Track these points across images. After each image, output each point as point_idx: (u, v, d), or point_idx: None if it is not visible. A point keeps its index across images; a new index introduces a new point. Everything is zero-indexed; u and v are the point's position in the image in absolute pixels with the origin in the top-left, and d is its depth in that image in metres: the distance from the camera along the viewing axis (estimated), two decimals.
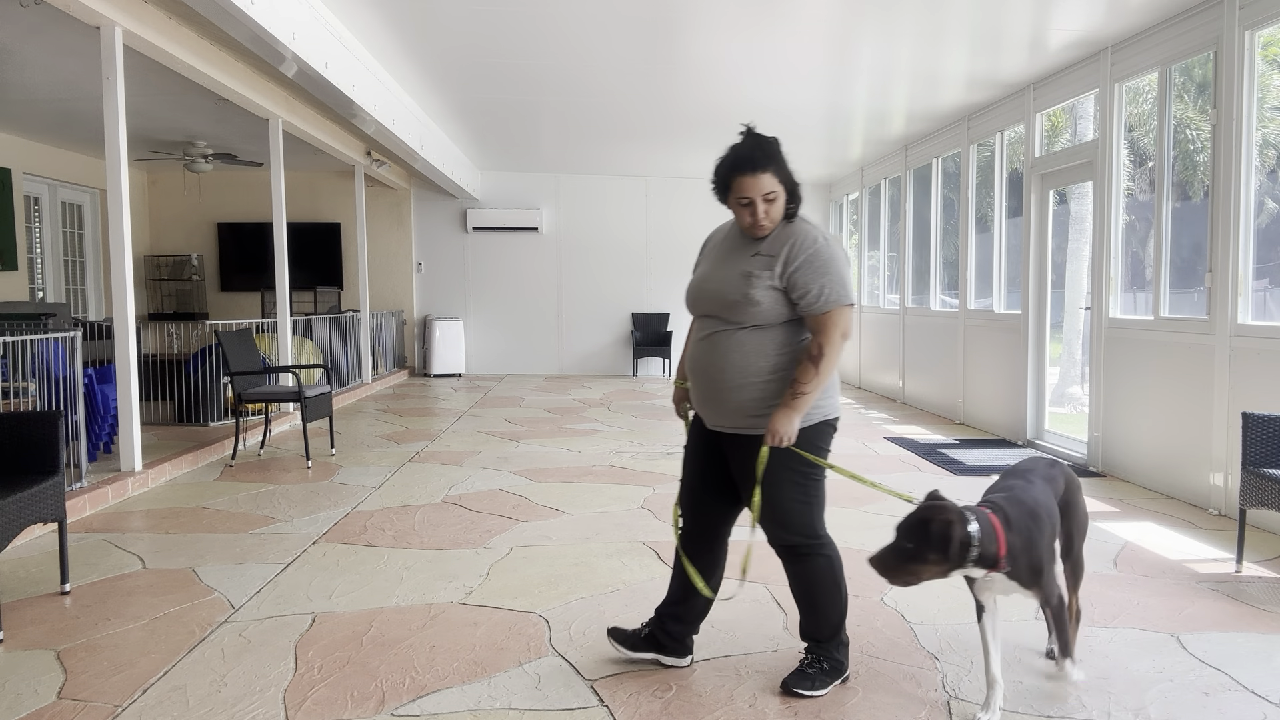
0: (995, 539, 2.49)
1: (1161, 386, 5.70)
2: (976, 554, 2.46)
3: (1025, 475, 2.81)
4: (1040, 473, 2.84)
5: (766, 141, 2.76)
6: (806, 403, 2.69)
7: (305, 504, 5.31)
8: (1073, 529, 2.91)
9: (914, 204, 10.22)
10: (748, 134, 2.78)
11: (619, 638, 3.05)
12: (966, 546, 2.45)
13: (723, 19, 5.88)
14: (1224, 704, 2.78)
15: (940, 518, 2.45)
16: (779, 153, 2.77)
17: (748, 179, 2.71)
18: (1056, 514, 2.75)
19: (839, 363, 2.74)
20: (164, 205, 12.93)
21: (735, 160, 2.73)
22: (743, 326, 2.76)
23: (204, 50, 6.20)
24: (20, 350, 5.20)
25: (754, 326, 2.76)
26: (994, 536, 2.49)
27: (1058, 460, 2.96)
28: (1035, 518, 2.61)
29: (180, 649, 3.18)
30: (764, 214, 2.75)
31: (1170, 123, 5.77)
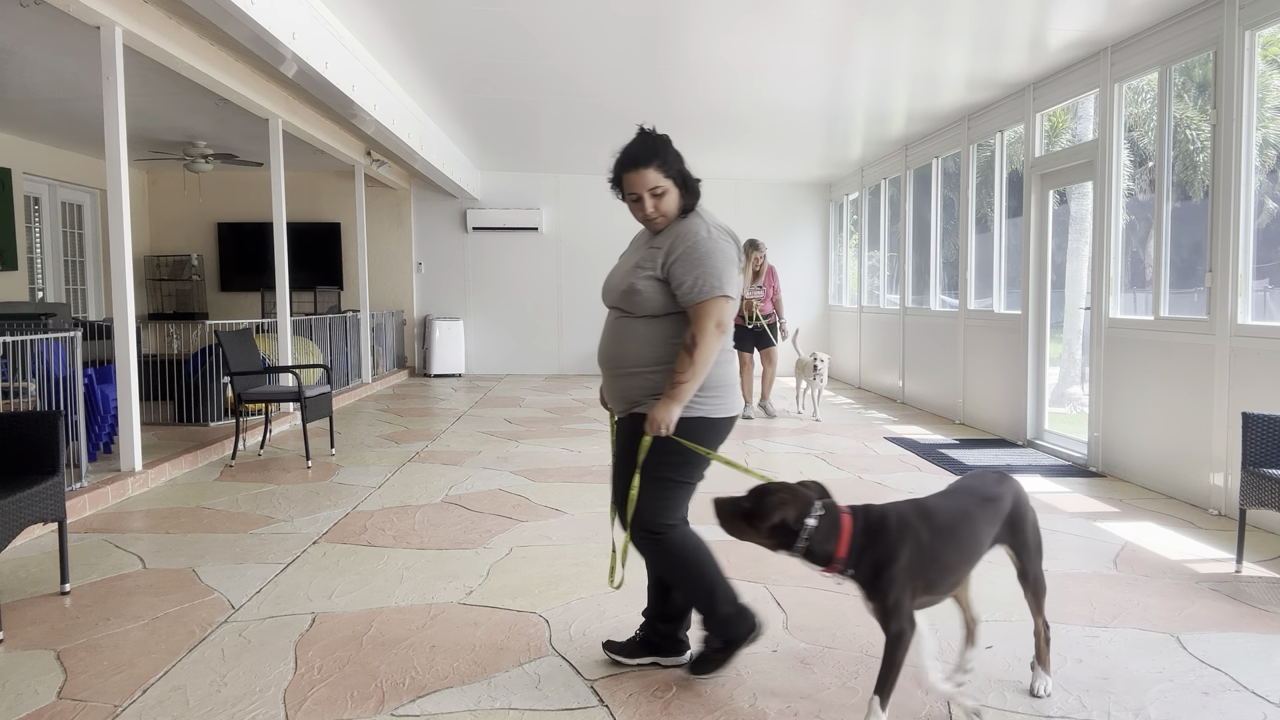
0: (835, 539, 2.45)
1: (1161, 386, 5.70)
2: (804, 546, 2.45)
3: (956, 494, 2.67)
4: (977, 492, 2.67)
5: (653, 139, 2.86)
6: (685, 392, 2.73)
7: (305, 504, 5.31)
8: (1019, 547, 2.73)
9: (914, 204, 10.22)
10: (639, 133, 2.90)
11: (614, 649, 3.07)
12: (792, 534, 2.45)
13: (722, 19, 5.88)
14: (1224, 704, 2.78)
15: (779, 496, 2.47)
16: (666, 149, 2.86)
17: (633, 175, 2.83)
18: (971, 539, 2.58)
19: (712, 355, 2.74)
20: (164, 205, 12.93)
21: (623, 158, 2.87)
22: (636, 316, 2.86)
23: (204, 50, 6.20)
24: (20, 350, 5.20)
25: (646, 317, 2.84)
26: (834, 537, 2.45)
27: (1008, 476, 2.77)
28: (909, 535, 2.47)
29: (180, 649, 3.18)
30: (653, 208, 2.85)
31: (1170, 123, 5.77)
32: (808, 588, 3.82)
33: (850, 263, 12.96)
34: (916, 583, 2.47)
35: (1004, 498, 2.69)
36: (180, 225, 12.98)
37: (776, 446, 7.30)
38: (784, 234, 13.55)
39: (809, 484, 2.56)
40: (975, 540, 2.59)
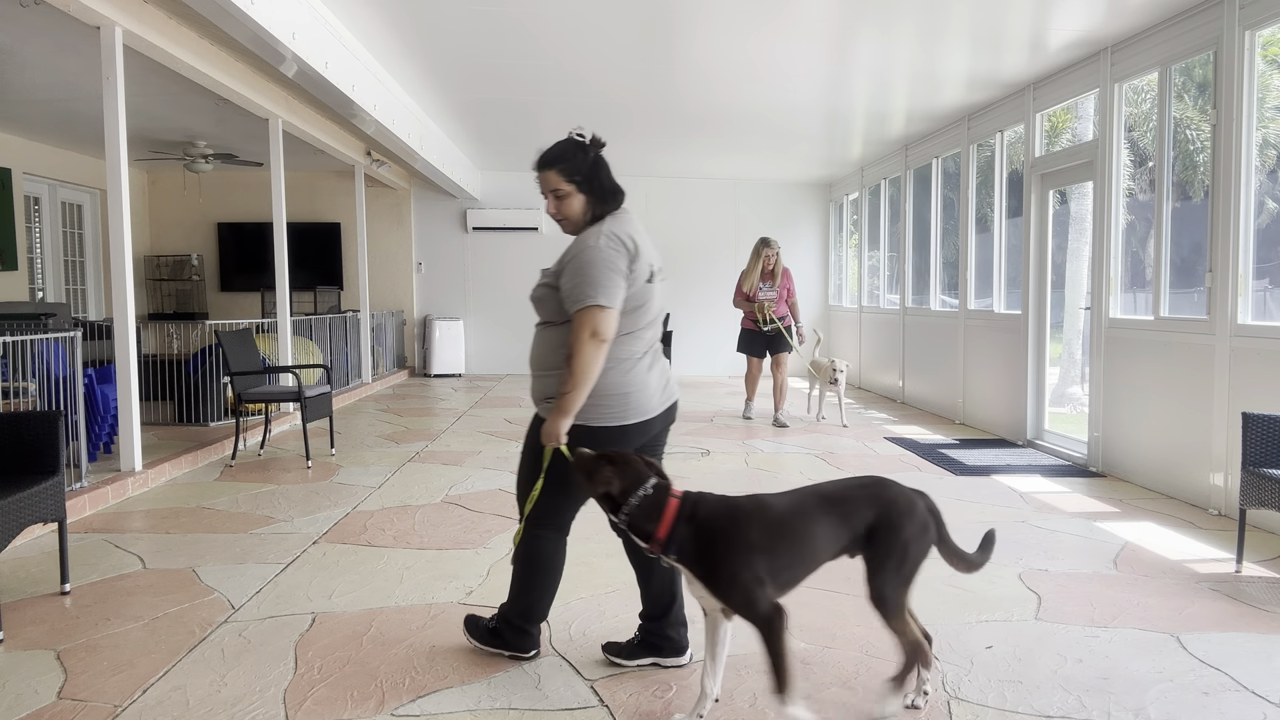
0: (656, 520, 2.50)
1: (1161, 386, 5.70)
2: (626, 518, 2.52)
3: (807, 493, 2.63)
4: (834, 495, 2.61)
5: (564, 144, 2.96)
6: (568, 403, 2.74)
7: (305, 504, 5.31)
8: (870, 561, 2.58)
9: (914, 204, 10.22)
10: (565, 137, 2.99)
11: (614, 651, 3.09)
12: (615, 502, 2.53)
13: (723, 19, 5.88)
14: (1224, 704, 2.78)
15: (611, 470, 2.54)
16: (574, 155, 2.93)
17: (539, 175, 2.95)
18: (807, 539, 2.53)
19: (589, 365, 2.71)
20: (164, 205, 12.93)
21: (537, 158, 2.97)
22: (544, 323, 2.95)
23: (204, 50, 6.20)
24: (20, 350, 5.20)
25: (548, 322, 2.92)
26: (656, 515, 2.50)
27: (889, 484, 2.64)
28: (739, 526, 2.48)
29: (180, 649, 3.18)
30: (554, 209, 2.95)
31: (1170, 123, 5.77)
32: (808, 588, 3.81)
33: (850, 263, 12.96)
34: (758, 572, 2.47)
35: (864, 506, 2.57)
36: (180, 225, 12.98)
37: (777, 446, 7.30)
38: (784, 234, 13.51)
39: (652, 465, 2.61)
40: (812, 541, 2.55)
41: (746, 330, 8.68)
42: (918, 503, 2.63)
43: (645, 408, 2.89)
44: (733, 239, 13.48)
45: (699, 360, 13.53)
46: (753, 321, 8.53)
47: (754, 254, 8.56)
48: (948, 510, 5.33)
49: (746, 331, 8.69)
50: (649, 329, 2.92)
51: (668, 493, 2.54)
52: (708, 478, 6.05)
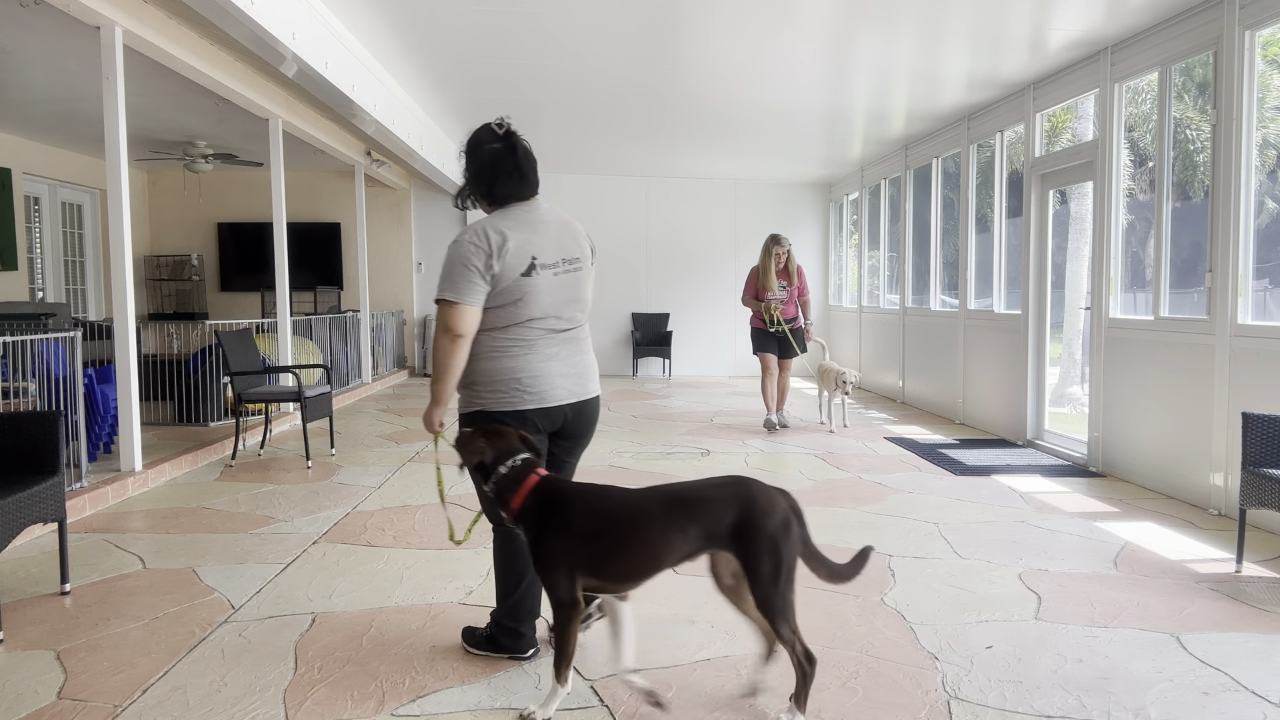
0: (513, 493, 2.62)
1: (1161, 386, 5.70)
2: (493, 486, 2.66)
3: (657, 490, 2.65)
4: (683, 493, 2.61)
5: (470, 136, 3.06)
6: (436, 394, 2.91)
7: (305, 504, 5.31)
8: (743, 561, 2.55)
9: (914, 204, 10.22)
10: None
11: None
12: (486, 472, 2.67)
13: (723, 19, 5.88)
14: (1224, 704, 2.78)
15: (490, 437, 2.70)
16: (465, 151, 3.04)
17: None
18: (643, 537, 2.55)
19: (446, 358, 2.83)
20: (164, 205, 12.93)
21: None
22: None
23: (204, 50, 6.20)
24: (20, 350, 5.20)
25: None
26: (513, 489, 2.62)
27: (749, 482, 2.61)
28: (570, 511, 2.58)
29: (180, 649, 3.18)
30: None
31: (1170, 123, 5.77)
32: (808, 588, 3.81)
33: (850, 263, 12.96)
34: (572, 562, 2.56)
35: (722, 506, 2.55)
36: (180, 225, 12.98)
37: (776, 446, 7.30)
38: (784, 233, 13.53)
39: (527, 442, 2.73)
40: (649, 538, 2.54)
41: (756, 330, 8.33)
42: (779, 500, 2.58)
43: (545, 395, 2.90)
44: (732, 239, 13.48)
45: (699, 360, 13.54)
46: (761, 321, 8.19)
47: (764, 252, 8.14)
48: (948, 510, 5.34)
49: (757, 331, 8.32)
50: (546, 319, 2.90)
51: (532, 469, 2.65)
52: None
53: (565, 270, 2.94)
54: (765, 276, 8.07)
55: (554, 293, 2.91)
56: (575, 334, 3.01)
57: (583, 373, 3.01)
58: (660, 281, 13.49)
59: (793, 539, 2.56)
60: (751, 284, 8.21)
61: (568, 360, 2.96)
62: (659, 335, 13.27)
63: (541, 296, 2.88)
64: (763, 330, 8.20)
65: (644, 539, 2.55)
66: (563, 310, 2.94)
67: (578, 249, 3.00)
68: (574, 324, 2.99)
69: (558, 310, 2.93)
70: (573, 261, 2.96)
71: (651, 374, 13.38)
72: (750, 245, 13.30)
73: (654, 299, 13.52)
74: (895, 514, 5.10)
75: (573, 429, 3.03)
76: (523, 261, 2.84)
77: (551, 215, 3.01)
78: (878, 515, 5.06)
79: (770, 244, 8.14)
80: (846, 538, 4.60)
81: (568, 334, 2.97)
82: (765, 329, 8.16)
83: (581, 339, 3.04)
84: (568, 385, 2.95)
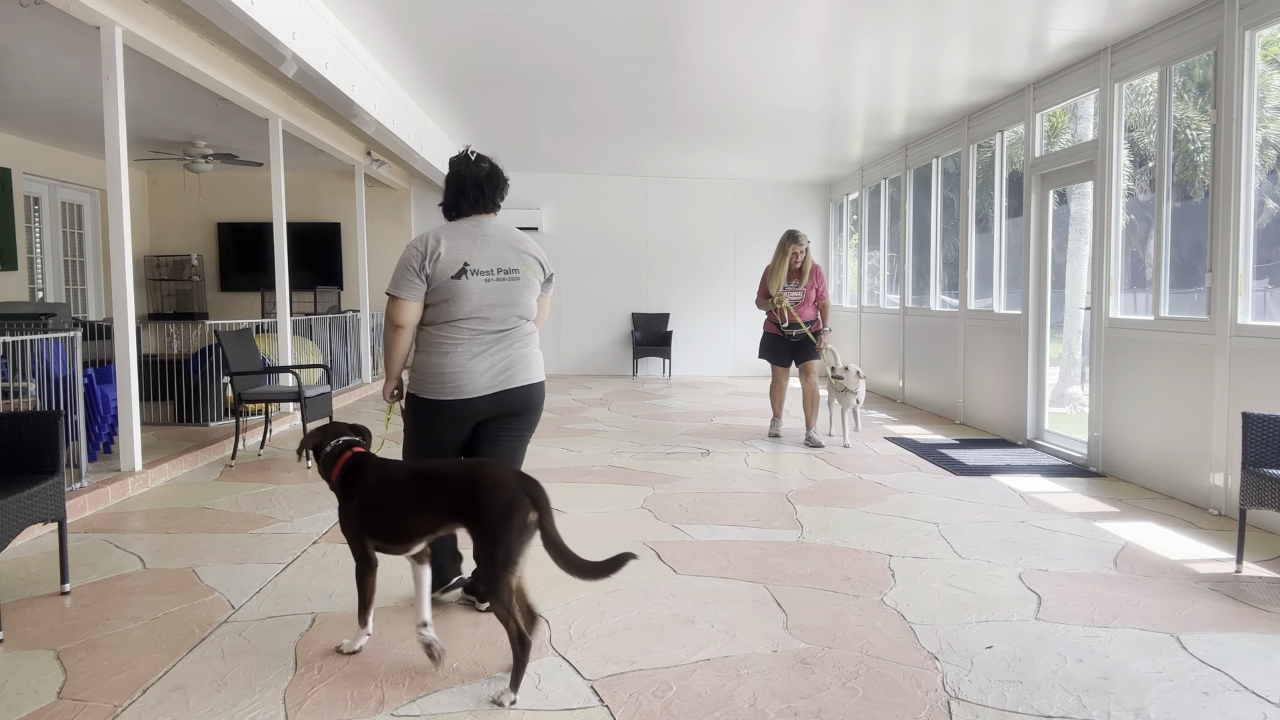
0: (332, 467, 3.11)
1: (1161, 386, 5.70)
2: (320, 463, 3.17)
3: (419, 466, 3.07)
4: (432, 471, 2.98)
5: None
6: (386, 372, 3.56)
7: (305, 504, 5.31)
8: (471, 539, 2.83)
9: (914, 204, 10.22)
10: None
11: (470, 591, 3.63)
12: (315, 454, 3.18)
13: (722, 19, 5.88)
14: (1224, 704, 2.78)
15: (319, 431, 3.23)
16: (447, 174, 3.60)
17: None
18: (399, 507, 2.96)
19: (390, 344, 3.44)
20: (164, 205, 12.93)
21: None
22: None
23: (204, 50, 6.20)
24: (20, 350, 5.20)
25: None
26: (332, 464, 3.11)
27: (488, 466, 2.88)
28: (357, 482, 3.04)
29: (180, 649, 3.18)
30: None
31: (1170, 123, 5.77)
32: (808, 588, 3.82)
33: (850, 263, 12.96)
34: (358, 524, 3.03)
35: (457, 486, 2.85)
36: (180, 225, 12.98)
37: (777, 446, 7.30)
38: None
39: (358, 429, 3.25)
40: (404, 510, 2.95)
41: (768, 335, 7.65)
42: (509, 486, 2.78)
43: (465, 389, 3.34)
44: (732, 239, 13.48)
45: (699, 360, 13.54)
46: (775, 325, 7.52)
47: (779, 250, 7.47)
48: (948, 510, 5.34)
49: (769, 336, 7.65)
50: (472, 320, 3.33)
51: (349, 448, 3.13)
52: (707, 477, 6.05)
53: (499, 279, 3.37)
54: (774, 276, 7.45)
55: (484, 296, 3.34)
56: (509, 334, 3.41)
57: (508, 366, 3.40)
58: (660, 281, 13.49)
59: (515, 524, 2.75)
60: (764, 285, 7.58)
61: (493, 358, 3.37)
62: (659, 335, 13.27)
63: (470, 298, 3.32)
64: (775, 335, 7.53)
65: (401, 510, 2.96)
66: (492, 313, 3.36)
67: (517, 262, 3.43)
68: (505, 325, 3.39)
69: (486, 312, 3.35)
70: (509, 272, 3.40)
71: (651, 374, 13.38)
72: (750, 245, 13.33)
73: (654, 299, 13.52)
74: (895, 514, 5.10)
75: (504, 412, 3.43)
76: (453, 267, 3.30)
77: (495, 231, 3.46)
78: (878, 515, 5.06)
79: (787, 241, 7.45)
80: (846, 538, 4.60)
81: (498, 334, 3.38)
82: (778, 334, 7.50)
83: (514, 339, 3.43)
84: (488, 380, 3.36)
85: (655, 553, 4.32)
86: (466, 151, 3.64)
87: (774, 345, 7.58)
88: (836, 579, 3.93)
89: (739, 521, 4.92)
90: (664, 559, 4.23)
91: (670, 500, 5.40)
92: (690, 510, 5.17)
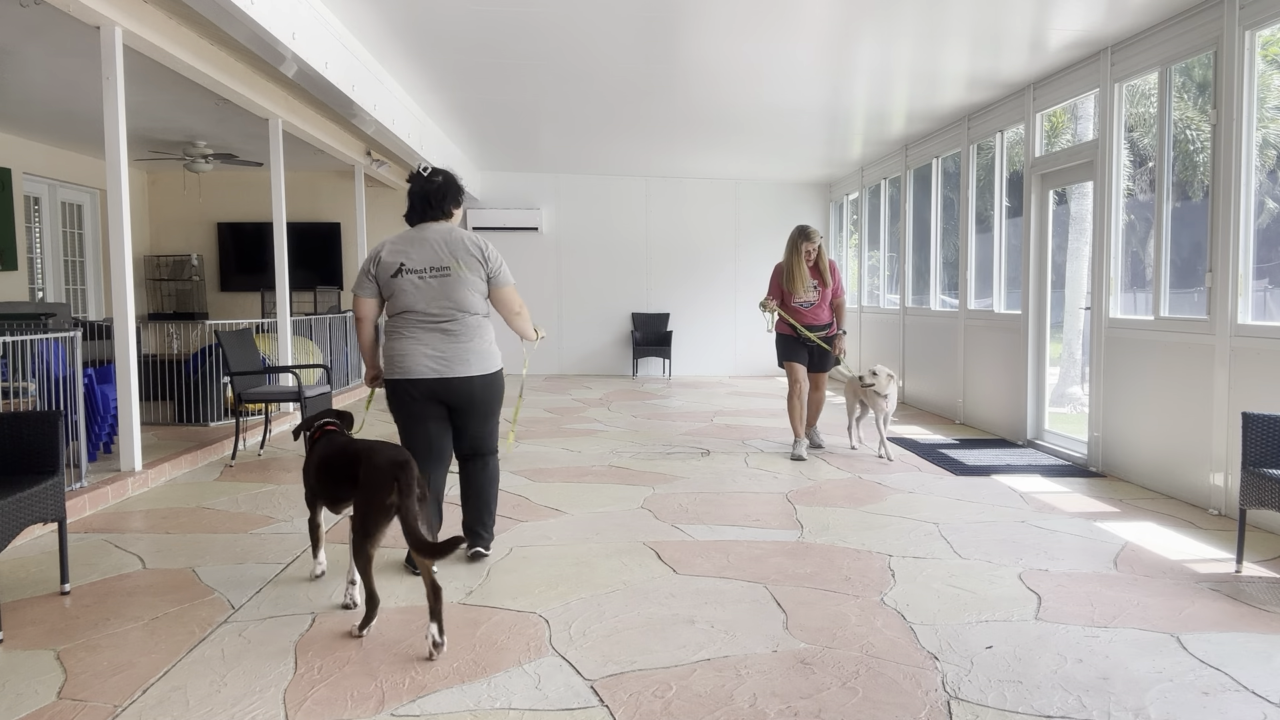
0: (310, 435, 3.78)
1: (1161, 386, 5.70)
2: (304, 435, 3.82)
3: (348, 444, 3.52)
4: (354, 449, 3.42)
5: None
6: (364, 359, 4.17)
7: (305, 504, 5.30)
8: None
9: (914, 204, 10.22)
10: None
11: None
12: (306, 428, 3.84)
13: (723, 19, 5.88)
14: (1224, 704, 2.78)
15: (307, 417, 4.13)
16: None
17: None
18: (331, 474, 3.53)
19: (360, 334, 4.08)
20: (164, 205, 12.93)
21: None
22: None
23: (204, 50, 6.20)
24: (20, 350, 5.20)
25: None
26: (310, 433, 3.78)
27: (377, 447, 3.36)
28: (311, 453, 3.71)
29: (180, 649, 3.18)
30: None
31: (1170, 123, 5.77)
32: (808, 588, 3.82)
33: (850, 263, 12.96)
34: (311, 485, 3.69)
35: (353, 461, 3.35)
36: (180, 225, 12.98)
37: (775, 446, 7.30)
38: (784, 234, 13.47)
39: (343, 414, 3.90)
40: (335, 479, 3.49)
41: (783, 336, 6.97)
42: (381, 469, 3.22)
43: (410, 370, 3.86)
44: (732, 239, 13.48)
45: (699, 360, 13.54)
46: (788, 327, 6.88)
47: (791, 248, 6.86)
48: (948, 510, 5.34)
49: (783, 337, 6.97)
50: (413, 313, 3.86)
51: (323, 427, 3.76)
52: (707, 477, 6.05)
53: (432, 275, 3.85)
54: (792, 278, 6.82)
55: (419, 292, 3.85)
56: (448, 326, 3.87)
57: (451, 358, 3.86)
58: (660, 281, 13.49)
59: (375, 502, 3.20)
60: (776, 286, 6.93)
61: (434, 345, 3.86)
62: (659, 335, 13.27)
63: (407, 294, 3.85)
64: (791, 336, 6.90)
65: (331, 478, 3.52)
66: (429, 306, 3.85)
67: (449, 260, 3.86)
68: (445, 318, 3.86)
69: (424, 306, 3.85)
70: (440, 270, 3.85)
71: (651, 374, 13.38)
72: (750, 245, 13.34)
73: (654, 299, 13.52)
74: (895, 514, 5.10)
75: (450, 401, 3.94)
76: (391, 268, 3.86)
77: (434, 234, 3.91)
78: (878, 515, 5.06)
79: (798, 238, 6.85)
80: (846, 538, 4.60)
81: (438, 325, 3.86)
82: (793, 334, 6.87)
83: (455, 331, 3.87)
84: (430, 365, 3.85)
85: (655, 553, 4.32)
86: (418, 169, 4.01)
87: (790, 344, 6.93)
88: (836, 579, 3.93)
89: (739, 521, 4.92)
90: (664, 559, 4.23)
91: (670, 500, 5.40)
92: (690, 510, 5.17)
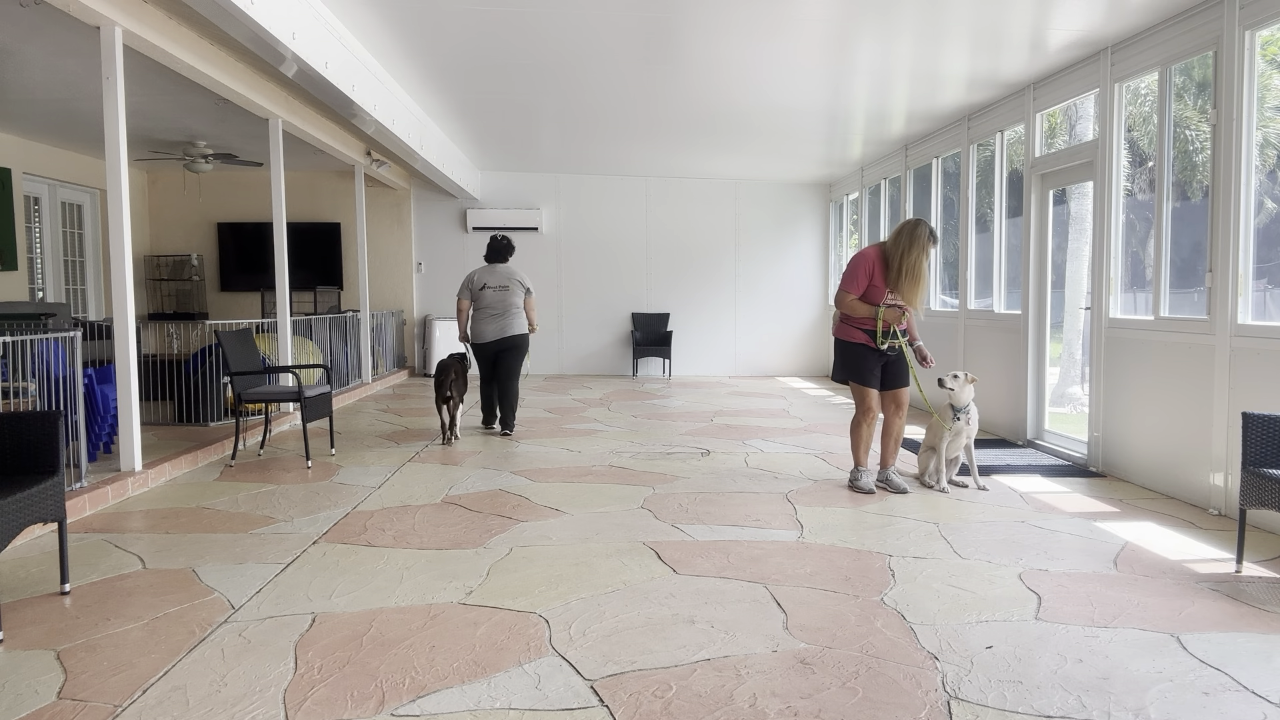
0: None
1: (1161, 386, 5.70)
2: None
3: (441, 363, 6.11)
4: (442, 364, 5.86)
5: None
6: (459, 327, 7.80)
7: (305, 504, 5.31)
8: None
9: (914, 204, 10.22)
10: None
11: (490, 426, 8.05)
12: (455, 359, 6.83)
13: (723, 19, 5.88)
14: (1224, 704, 2.78)
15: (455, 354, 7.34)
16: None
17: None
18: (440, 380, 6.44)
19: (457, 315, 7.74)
20: (164, 205, 12.93)
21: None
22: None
23: (204, 50, 6.20)
24: (20, 350, 5.20)
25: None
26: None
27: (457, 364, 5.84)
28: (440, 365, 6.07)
29: (180, 649, 3.18)
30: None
31: (1170, 123, 5.77)
32: (808, 588, 3.82)
33: None
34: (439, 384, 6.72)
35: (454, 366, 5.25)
36: (180, 225, 12.98)
37: (775, 446, 7.30)
38: (784, 234, 13.56)
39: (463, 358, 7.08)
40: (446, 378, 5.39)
41: (855, 345, 5.56)
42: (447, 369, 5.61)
43: (482, 335, 7.66)
44: (732, 239, 13.48)
45: (699, 360, 13.54)
46: (865, 333, 5.51)
47: (912, 242, 5.34)
48: (948, 510, 5.35)
49: (856, 348, 5.56)
50: (486, 308, 7.62)
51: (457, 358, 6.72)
52: (707, 477, 6.05)
53: (496, 290, 7.64)
54: (904, 275, 5.38)
55: (490, 296, 7.63)
56: (504, 311, 7.62)
57: (502, 328, 7.63)
58: (660, 281, 13.49)
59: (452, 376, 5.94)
60: (863, 278, 5.44)
61: (494, 323, 7.63)
62: (659, 335, 13.27)
63: (486, 297, 7.62)
64: (867, 347, 5.50)
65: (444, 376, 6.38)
66: (494, 305, 7.62)
67: (508, 282, 7.64)
68: (503, 308, 7.61)
69: (490, 305, 7.63)
70: (502, 287, 7.64)
71: (651, 374, 13.38)
72: (750, 245, 13.35)
73: (654, 299, 13.52)
74: (895, 514, 5.10)
75: (501, 348, 7.68)
76: (479, 284, 7.64)
77: (501, 268, 7.71)
78: (878, 515, 5.06)
79: (926, 238, 5.37)
80: (846, 538, 4.60)
81: (498, 312, 7.62)
82: (871, 345, 5.50)
83: (505, 314, 7.62)
84: (490, 333, 7.63)
85: (655, 553, 4.32)
86: (496, 235, 7.84)
87: (864, 360, 5.54)
88: (836, 579, 3.93)
89: (739, 521, 4.93)
90: (664, 559, 4.23)
91: (670, 500, 5.40)
92: (690, 510, 5.17)
